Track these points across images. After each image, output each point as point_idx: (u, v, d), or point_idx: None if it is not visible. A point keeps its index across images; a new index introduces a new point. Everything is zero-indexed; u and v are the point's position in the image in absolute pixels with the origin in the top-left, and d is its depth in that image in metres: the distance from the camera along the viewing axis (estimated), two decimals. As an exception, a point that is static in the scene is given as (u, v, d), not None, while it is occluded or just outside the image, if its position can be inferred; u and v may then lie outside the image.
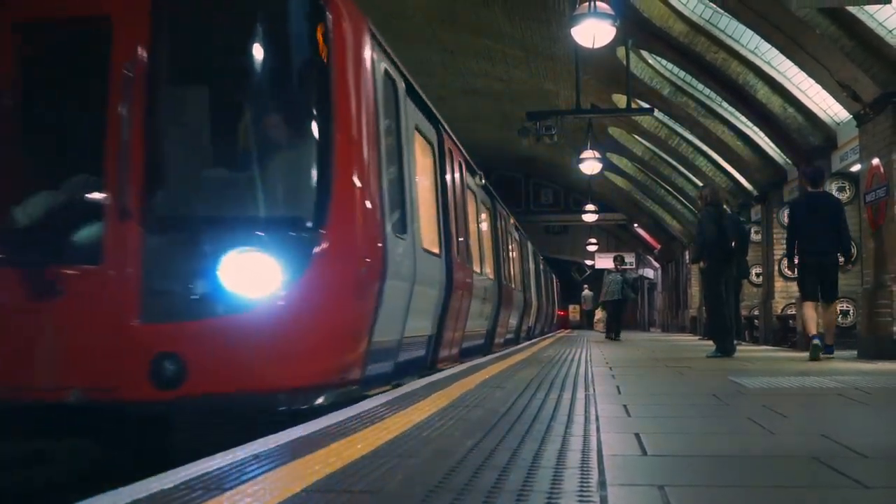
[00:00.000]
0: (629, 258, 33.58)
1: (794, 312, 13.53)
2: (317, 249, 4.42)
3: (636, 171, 23.90)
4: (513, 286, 14.77)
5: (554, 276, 33.73)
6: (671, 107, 15.47)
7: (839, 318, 11.47)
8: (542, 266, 25.39)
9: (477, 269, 10.13)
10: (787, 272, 13.82)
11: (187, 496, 1.98)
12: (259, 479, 2.20)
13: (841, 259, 8.86)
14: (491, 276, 11.68)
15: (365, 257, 4.75)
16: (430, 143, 7.85)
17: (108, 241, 4.36)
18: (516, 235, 16.82)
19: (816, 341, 8.45)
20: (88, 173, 4.64)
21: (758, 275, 16.16)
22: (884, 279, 9.08)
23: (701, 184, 16.94)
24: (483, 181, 10.57)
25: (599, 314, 19.49)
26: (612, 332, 17.32)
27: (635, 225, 31.55)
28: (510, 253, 14.86)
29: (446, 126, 8.63)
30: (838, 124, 11.84)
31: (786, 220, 11.76)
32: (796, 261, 9.13)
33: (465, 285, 8.82)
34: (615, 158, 23.01)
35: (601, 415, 3.64)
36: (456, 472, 2.27)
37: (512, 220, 15.33)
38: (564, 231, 38.17)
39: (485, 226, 11.66)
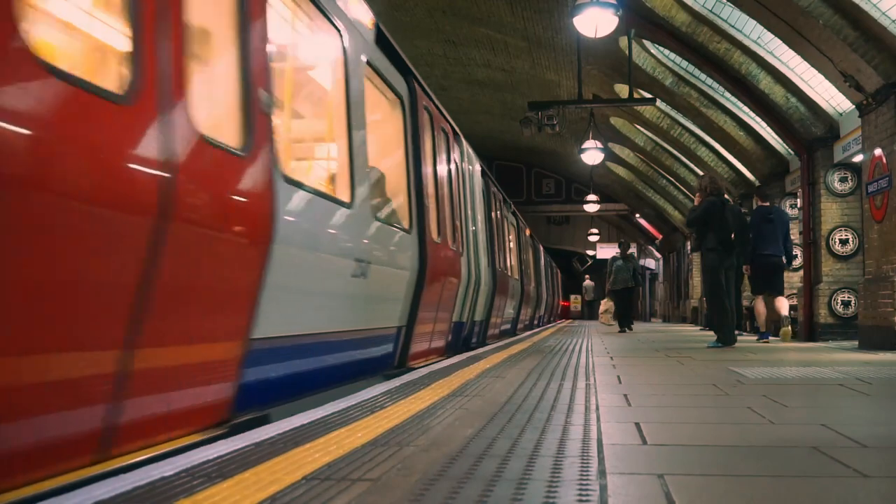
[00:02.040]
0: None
1: (795, 303, 13.59)
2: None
3: (638, 162, 23.86)
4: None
5: (556, 268, 33.81)
6: (673, 97, 15.44)
7: (840, 309, 11.69)
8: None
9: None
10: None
11: (188, 483, 1.99)
12: (261, 466, 2.20)
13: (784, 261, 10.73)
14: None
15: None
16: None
17: None
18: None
19: (787, 322, 10.58)
20: None
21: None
22: (885, 270, 9.08)
23: (702, 174, 16.90)
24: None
25: (605, 304, 17.13)
26: (625, 323, 15.58)
27: (637, 215, 31.51)
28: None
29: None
30: (841, 115, 11.82)
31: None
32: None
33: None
34: (617, 149, 22.98)
35: (602, 404, 3.64)
36: (456, 460, 2.28)
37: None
38: (566, 221, 38.15)
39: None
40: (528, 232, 19.67)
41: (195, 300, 3.03)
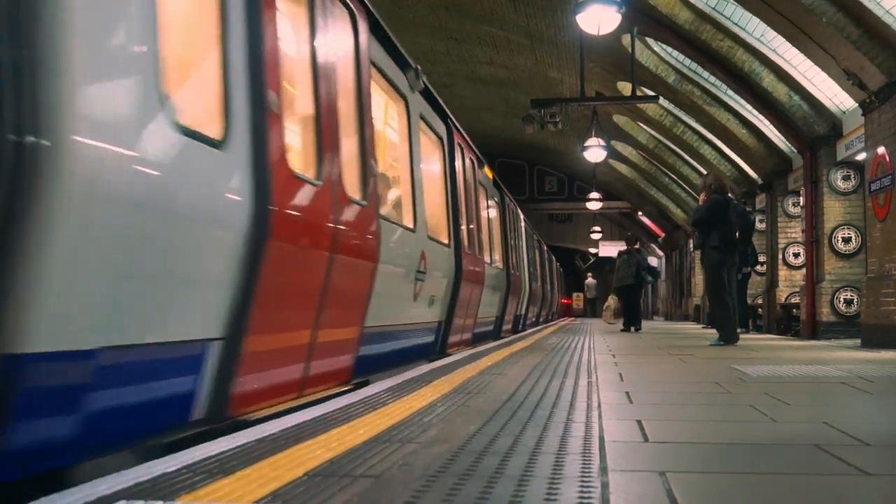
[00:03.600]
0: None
1: (797, 301, 13.58)
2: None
3: (640, 160, 23.83)
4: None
5: (553, 257, 33.76)
6: (676, 95, 15.42)
7: (843, 307, 11.72)
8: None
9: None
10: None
11: (190, 479, 1.99)
12: (262, 462, 2.20)
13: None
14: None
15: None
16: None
17: None
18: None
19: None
20: None
21: (761, 263, 16.16)
22: (888, 268, 9.07)
23: (706, 172, 16.83)
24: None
25: (609, 301, 15.92)
26: (631, 322, 14.52)
27: (639, 213, 31.49)
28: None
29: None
30: (844, 113, 11.80)
31: (792, 212, 14.00)
32: None
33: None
34: (620, 146, 22.95)
35: (603, 402, 3.64)
36: (458, 457, 2.28)
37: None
38: (568, 219, 38.16)
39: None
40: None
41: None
